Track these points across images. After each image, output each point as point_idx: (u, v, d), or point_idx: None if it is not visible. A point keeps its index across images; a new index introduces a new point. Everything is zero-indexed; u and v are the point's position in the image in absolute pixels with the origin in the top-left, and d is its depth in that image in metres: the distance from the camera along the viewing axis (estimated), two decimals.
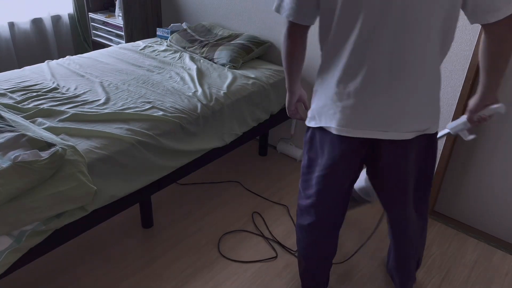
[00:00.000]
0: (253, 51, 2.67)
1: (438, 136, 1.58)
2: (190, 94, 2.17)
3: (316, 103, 1.43)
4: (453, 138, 2.20)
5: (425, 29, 1.18)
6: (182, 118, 1.98)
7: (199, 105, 2.09)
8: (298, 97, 1.58)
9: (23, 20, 3.19)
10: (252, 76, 2.47)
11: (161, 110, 1.98)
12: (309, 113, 1.48)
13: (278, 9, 1.33)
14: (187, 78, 2.35)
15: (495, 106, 1.35)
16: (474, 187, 2.28)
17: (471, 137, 1.49)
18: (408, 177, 1.44)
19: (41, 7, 3.27)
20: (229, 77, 2.41)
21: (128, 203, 1.89)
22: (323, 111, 1.39)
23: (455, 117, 2.15)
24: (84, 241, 2.07)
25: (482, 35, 1.24)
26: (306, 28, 1.34)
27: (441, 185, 2.38)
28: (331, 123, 1.37)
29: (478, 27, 1.94)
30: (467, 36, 1.98)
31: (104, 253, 2.01)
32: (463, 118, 1.47)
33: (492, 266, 2.08)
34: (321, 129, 1.43)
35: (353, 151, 1.40)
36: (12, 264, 1.44)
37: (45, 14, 3.30)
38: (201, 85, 2.28)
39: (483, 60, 1.27)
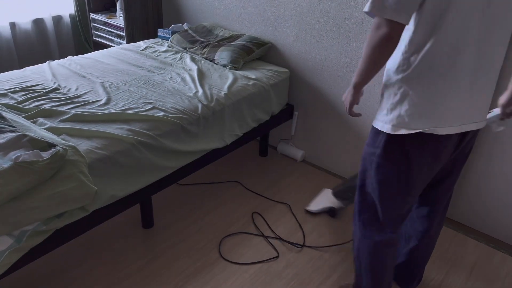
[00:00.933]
0: (253, 52, 2.67)
1: None
2: (191, 94, 2.17)
3: (409, 107, 1.33)
4: None
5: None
6: (182, 118, 1.98)
7: (199, 105, 2.09)
8: None
9: (24, 21, 3.20)
10: (253, 77, 2.47)
11: (162, 110, 1.99)
12: (393, 121, 1.36)
13: (379, 9, 1.19)
14: (188, 78, 2.35)
15: None
16: (474, 188, 2.28)
17: (501, 128, 1.55)
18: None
19: (42, 7, 3.27)
20: (230, 78, 2.41)
21: (129, 203, 1.89)
22: (425, 113, 1.32)
23: None
24: (84, 241, 2.07)
25: None
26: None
27: None
28: (439, 124, 1.32)
29: None
30: None
31: (105, 253, 2.02)
32: (497, 110, 1.51)
33: (491, 268, 2.08)
34: (417, 134, 1.34)
35: (453, 146, 1.42)
36: (13, 264, 1.44)
37: (46, 15, 3.30)
38: (202, 85, 2.29)
39: None
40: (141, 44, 2.88)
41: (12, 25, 3.13)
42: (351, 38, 2.38)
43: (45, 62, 2.48)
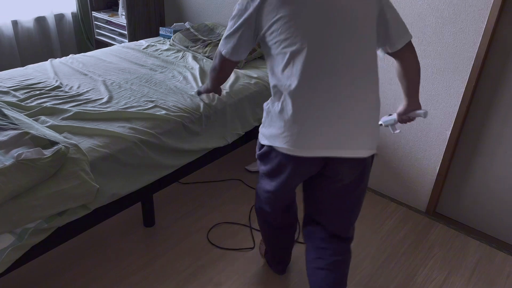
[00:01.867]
0: (255, 51, 2.67)
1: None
2: (193, 93, 2.17)
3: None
4: (455, 141, 2.20)
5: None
6: (184, 117, 1.98)
7: (201, 104, 2.09)
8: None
9: (27, 19, 3.20)
10: (255, 75, 2.47)
11: (164, 109, 1.99)
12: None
13: (220, 48, 1.52)
14: (189, 77, 2.35)
15: (419, 111, 1.61)
16: (476, 188, 2.28)
17: (397, 131, 1.76)
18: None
19: (45, 5, 3.27)
20: (232, 76, 2.41)
21: (130, 201, 1.89)
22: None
23: (458, 118, 2.15)
24: (86, 240, 2.08)
25: (395, 63, 1.51)
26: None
27: (443, 187, 2.37)
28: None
29: (481, 29, 1.94)
30: (470, 38, 1.98)
31: (106, 252, 2.02)
32: (394, 115, 1.72)
33: (493, 268, 2.08)
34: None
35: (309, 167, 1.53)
36: (14, 261, 1.44)
37: (49, 13, 3.30)
38: (203, 84, 2.28)
39: (401, 80, 1.53)
40: (143, 42, 2.88)
41: (15, 23, 3.13)
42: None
43: (47, 60, 2.48)
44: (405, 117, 1.67)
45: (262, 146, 1.54)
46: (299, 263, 2.02)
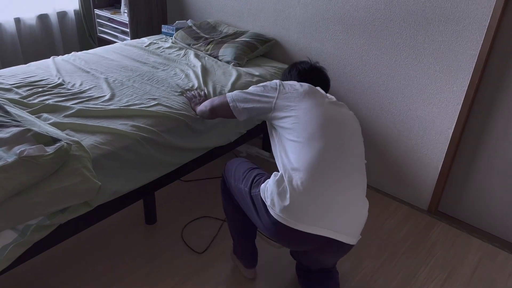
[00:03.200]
0: (257, 49, 2.66)
1: None
2: (178, 92, 2.16)
3: None
4: (457, 139, 2.19)
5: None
6: (186, 115, 1.98)
7: None
8: None
9: (29, 16, 3.20)
10: (257, 73, 2.47)
11: (166, 107, 1.99)
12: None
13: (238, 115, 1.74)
14: (191, 75, 2.35)
15: None
16: (478, 187, 2.28)
17: None
18: None
19: (47, 3, 3.28)
20: (234, 74, 2.41)
21: (132, 199, 1.89)
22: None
23: (460, 116, 2.14)
24: (87, 237, 2.08)
25: None
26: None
27: (445, 185, 2.37)
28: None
29: (484, 27, 1.93)
30: (473, 36, 1.98)
31: (107, 249, 2.02)
32: None
33: (495, 267, 2.08)
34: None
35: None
36: (17, 258, 1.44)
37: (51, 10, 3.31)
38: (205, 82, 2.28)
39: None
40: (145, 40, 2.88)
41: (17, 21, 3.14)
42: (356, 35, 2.37)
43: (49, 57, 2.48)
44: None
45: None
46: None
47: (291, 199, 1.43)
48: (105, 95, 2.03)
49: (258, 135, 2.52)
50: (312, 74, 1.83)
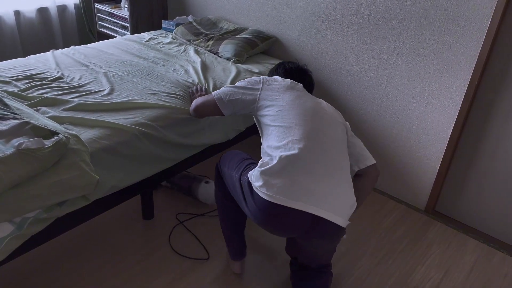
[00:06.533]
0: (258, 46, 2.66)
1: None
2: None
3: None
4: (456, 139, 2.19)
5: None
6: (186, 111, 1.98)
7: None
8: None
9: (29, 9, 3.19)
10: (256, 71, 2.46)
11: (165, 102, 1.98)
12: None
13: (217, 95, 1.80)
14: (191, 71, 2.35)
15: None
16: (476, 188, 2.28)
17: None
18: None
19: None
20: (233, 71, 2.41)
21: (130, 194, 1.89)
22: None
23: (459, 117, 2.14)
24: (84, 231, 2.08)
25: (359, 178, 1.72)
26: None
27: (442, 186, 2.37)
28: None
29: (485, 28, 1.93)
30: (474, 36, 1.98)
31: (105, 244, 2.02)
32: None
33: (491, 267, 2.08)
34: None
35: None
36: (14, 251, 1.44)
37: (51, 3, 3.29)
38: (205, 78, 2.28)
39: (358, 193, 1.64)
40: (145, 35, 2.87)
41: (17, 13, 3.12)
42: (357, 33, 2.37)
43: (48, 51, 2.47)
44: None
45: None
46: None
47: (275, 175, 1.46)
48: (104, 90, 2.03)
49: (257, 132, 2.51)
50: (298, 74, 1.89)
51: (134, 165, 1.80)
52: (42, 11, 3.27)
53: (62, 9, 3.40)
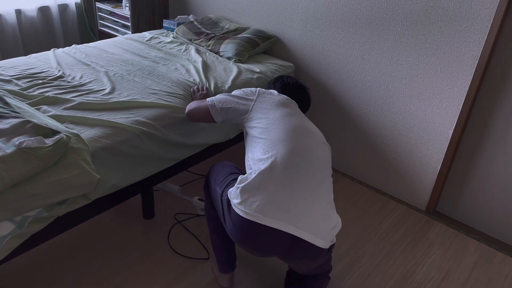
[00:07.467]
0: (259, 45, 2.66)
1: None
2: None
3: None
4: (457, 140, 2.19)
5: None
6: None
7: None
8: None
9: (30, 8, 3.19)
10: (257, 70, 2.46)
11: (166, 101, 1.98)
12: None
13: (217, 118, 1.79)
14: (192, 70, 2.35)
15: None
16: (477, 188, 2.28)
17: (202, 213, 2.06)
18: None
19: None
20: (234, 70, 2.40)
21: (130, 193, 1.89)
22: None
23: (461, 117, 2.14)
24: (85, 230, 2.08)
25: None
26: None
27: (443, 186, 2.37)
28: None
29: (486, 28, 1.93)
30: (475, 36, 1.97)
31: (105, 243, 2.02)
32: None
33: (492, 268, 2.08)
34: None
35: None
36: (14, 250, 1.44)
37: (52, 2, 3.29)
38: (206, 78, 2.28)
39: None
40: (146, 34, 2.87)
41: (18, 12, 3.12)
42: (358, 33, 2.36)
43: (50, 49, 2.47)
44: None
45: None
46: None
47: (254, 191, 1.43)
48: (105, 89, 2.03)
49: None
50: (295, 90, 1.88)
51: (135, 164, 1.80)
52: (43, 10, 3.27)
53: (63, 8, 3.40)
